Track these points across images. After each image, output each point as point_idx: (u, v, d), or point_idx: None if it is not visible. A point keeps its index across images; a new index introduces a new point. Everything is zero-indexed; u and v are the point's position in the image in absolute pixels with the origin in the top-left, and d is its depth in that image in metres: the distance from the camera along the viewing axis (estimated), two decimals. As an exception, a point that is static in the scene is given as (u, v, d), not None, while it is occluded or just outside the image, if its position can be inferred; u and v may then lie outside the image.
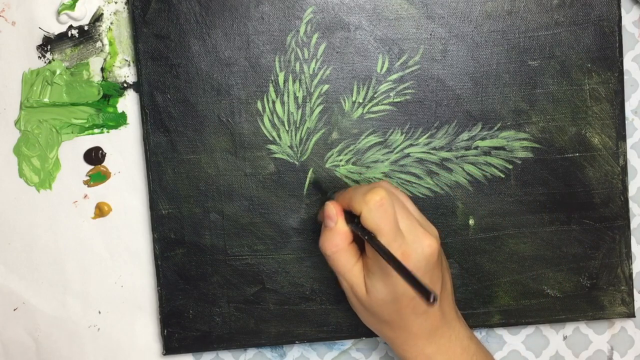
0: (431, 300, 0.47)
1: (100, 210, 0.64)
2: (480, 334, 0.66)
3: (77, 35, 0.63)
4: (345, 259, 0.56)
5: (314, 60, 0.62)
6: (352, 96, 0.63)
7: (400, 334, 0.57)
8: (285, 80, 0.62)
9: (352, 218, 0.55)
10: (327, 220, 0.56)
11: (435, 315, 0.56)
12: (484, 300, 0.64)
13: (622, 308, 0.65)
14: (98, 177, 0.64)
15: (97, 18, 0.63)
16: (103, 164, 0.64)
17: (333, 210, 0.56)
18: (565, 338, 0.67)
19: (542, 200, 0.64)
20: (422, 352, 0.57)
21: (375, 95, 0.63)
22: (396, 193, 0.57)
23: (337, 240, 0.56)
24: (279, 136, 0.63)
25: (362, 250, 0.57)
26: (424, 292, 0.47)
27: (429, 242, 0.54)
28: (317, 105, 0.63)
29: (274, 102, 0.62)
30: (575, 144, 0.64)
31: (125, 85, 0.64)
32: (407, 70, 0.63)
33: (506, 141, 0.63)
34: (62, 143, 0.64)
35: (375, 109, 0.63)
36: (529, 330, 0.66)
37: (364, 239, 0.54)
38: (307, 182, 0.63)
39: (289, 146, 0.63)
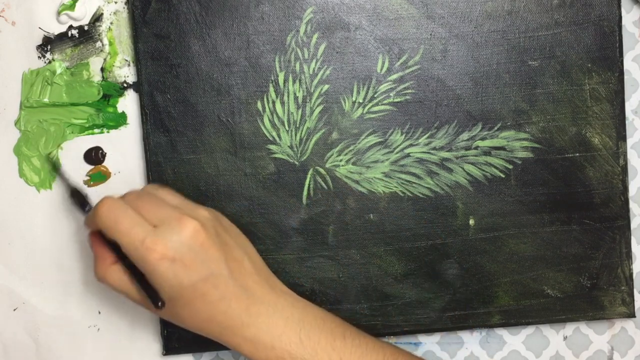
0: (159, 305, 0.51)
1: (100, 210, 0.64)
2: (480, 334, 0.66)
3: (77, 35, 0.63)
4: (117, 278, 0.55)
5: (314, 60, 0.62)
6: (352, 96, 0.63)
7: (215, 328, 0.55)
8: (285, 80, 0.62)
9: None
10: (93, 250, 0.56)
11: (236, 296, 0.54)
12: (484, 301, 0.64)
13: (623, 308, 0.65)
14: (98, 177, 0.64)
15: (97, 18, 0.63)
16: (103, 164, 0.64)
17: (90, 241, 0.56)
18: (565, 338, 0.67)
19: (542, 200, 0.64)
20: (243, 338, 0.54)
21: (375, 95, 0.63)
22: (144, 190, 0.56)
23: (100, 264, 0.55)
24: (279, 136, 0.63)
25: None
26: (152, 297, 0.51)
27: (186, 223, 0.53)
28: (317, 105, 0.63)
29: (274, 102, 0.62)
30: (576, 144, 0.64)
31: (125, 85, 0.64)
32: (407, 70, 0.63)
33: (506, 141, 0.63)
34: (62, 143, 0.64)
35: (375, 109, 0.63)
36: (529, 330, 0.66)
37: (116, 252, 0.55)
38: (306, 187, 0.63)
39: (289, 146, 0.63)
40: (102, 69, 0.64)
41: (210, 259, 0.53)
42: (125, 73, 0.64)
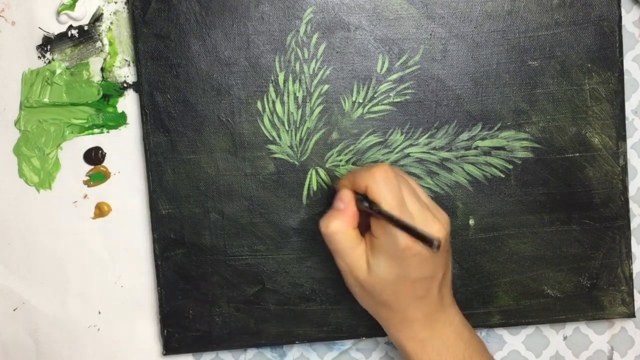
0: (435, 246, 0.48)
1: (100, 210, 0.64)
2: (480, 334, 0.66)
3: (77, 35, 0.63)
4: (348, 241, 0.56)
5: (314, 60, 0.62)
6: (352, 96, 0.63)
7: (396, 316, 0.57)
8: (285, 80, 0.62)
9: (359, 200, 0.56)
10: (338, 202, 0.57)
11: (434, 299, 0.57)
12: (484, 301, 0.64)
13: (622, 308, 0.65)
14: (98, 177, 0.64)
15: (97, 18, 0.63)
16: (103, 164, 0.64)
17: (348, 195, 0.57)
18: (565, 338, 0.67)
19: (542, 200, 0.64)
20: (416, 336, 0.57)
21: (375, 95, 0.63)
22: (404, 176, 0.57)
23: (342, 221, 0.56)
24: (279, 136, 0.63)
25: (363, 235, 0.57)
26: (427, 240, 0.48)
27: (438, 227, 0.55)
28: (317, 105, 0.63)
29: (274, 102, 0.62)
30: (576, 144, 0.64)
31: (125, 85, 0.64)
32: (407, 70, 0.63)
33: (506, 141, 0.63)
34: (62, 143, 0.64)
35: (375, 109, 0.63)
36: (529, 330, 0.66)
37: (371, 211, 0.54)
38: (306, 187, 0.63)
39: (289, 146, 0.63)
40: (102, 69, 0.64)
41: (438, 263, 0.56)
42: (125, 73, 0.64)
